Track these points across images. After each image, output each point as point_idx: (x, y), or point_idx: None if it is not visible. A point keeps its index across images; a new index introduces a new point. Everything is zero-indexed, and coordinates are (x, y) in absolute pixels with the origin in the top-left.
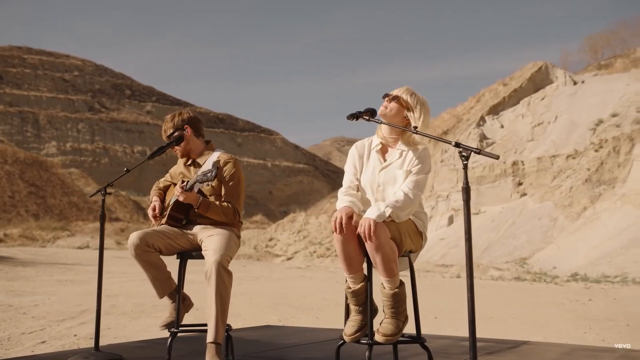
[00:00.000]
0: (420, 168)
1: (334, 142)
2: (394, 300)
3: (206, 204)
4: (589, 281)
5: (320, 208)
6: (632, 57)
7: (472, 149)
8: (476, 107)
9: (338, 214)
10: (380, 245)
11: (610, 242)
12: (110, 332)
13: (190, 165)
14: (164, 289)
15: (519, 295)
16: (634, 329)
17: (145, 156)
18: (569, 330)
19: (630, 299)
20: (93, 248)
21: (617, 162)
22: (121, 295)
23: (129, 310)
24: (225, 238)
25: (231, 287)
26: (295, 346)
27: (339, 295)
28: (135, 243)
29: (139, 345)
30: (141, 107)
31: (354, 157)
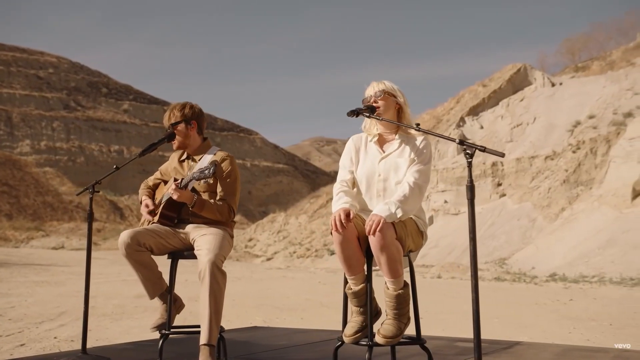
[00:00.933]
0: (423, 157)
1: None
2: (397, 301)
3: (201, 203)
4: (568, 281)
5: (300, 208)
6: (608, 60)
7: (476, 147)
8: (456, 107)
9: (336, 213)
10: (386, 245)
11: (588, 242)
12: (91, 334)
13: (185, 161)
14: (155, 289)
15: (501, 295)
16: (617, 328)
17: (122, 155)
18: (554, 330)
19: (610, 299)
20: (68, 248)
21: (594, 163)
22: (100, 297)
23: (109, 311)
24: (218, 237)
25: (225, 288)
26: (288, 347)
27: (322, 296)
28: (126, 242)
29: (126, 348)
30: (118, 106)
31: (351, 151)
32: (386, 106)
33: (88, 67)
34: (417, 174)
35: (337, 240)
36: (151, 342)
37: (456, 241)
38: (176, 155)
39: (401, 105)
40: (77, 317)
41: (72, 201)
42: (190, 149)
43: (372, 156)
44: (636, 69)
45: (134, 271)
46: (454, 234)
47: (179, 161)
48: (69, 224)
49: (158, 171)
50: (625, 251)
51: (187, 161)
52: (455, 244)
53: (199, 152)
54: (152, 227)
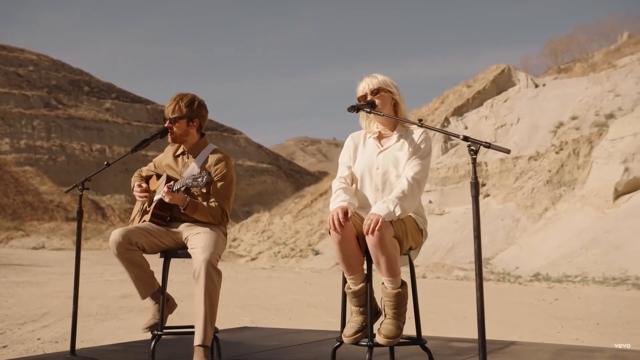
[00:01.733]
0: (422, 151)
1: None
2: (396, 300)
3: (193, 205)
4: (551, 281)
5: (284, 208)
6: (590, 62)
7: (481, 143)
8: (440, 108)
9: (334, 212)
10: (384, 244)
11: (571, 242)
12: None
13: (179, 157)
14: (147, 289)
15: (486, 295)
16: (604, 328)
17: (104, 155)
18: (542, 330)
19: (594, 299)
20: (49, 249)
21: (576, 164)
22: (83, 297)
23: (93, 312)
24: (213, 236)
25: (220, 287)
26: (282, 348)
27: (309, 296)
28: (118, 241)
29: (115, 349)
30: (100, 104)
31: (349, 147)
32: (382, 103)
33: (69, 65)
34: (416, 168)
35: (335, 239)
36: (141, 342)
37: (440, 241)
38: (171, 149)
39: (397, 100)
40: (60, 317)
41: (53, 201)
42: (187, 145)
43: (371, 150)
44: (617, 71)
45: (125, 270)
46: (438, 234)
47: (173, 156)
48: (50, 223)
49: (152, 163)
50: (608, 251)
51: (182, 157)
52: (440, 244)
53: (195, 150)
54: (144, 226)
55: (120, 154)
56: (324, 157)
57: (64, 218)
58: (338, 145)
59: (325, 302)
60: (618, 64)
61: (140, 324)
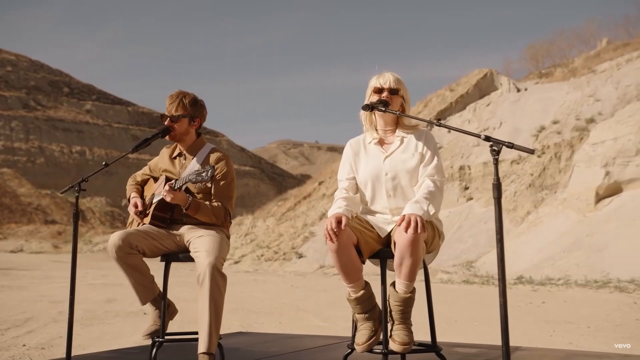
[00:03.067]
0: (432, 152)
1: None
2: (406, 304)
3: (196, 205)
4: (535, 284)
5: (267, 211)
6: (571, 67)
7: (503, 143)
8: (424, 111)
9: (327, 222)
10: (416, 246)
11: (553, 245)
12: (63, 341)
13: (177, 158)
14: (147, 294)
15: (473, 298)
16: (595, 331)
17: (84, 157)
18: (534, 333)
19: (580, 302)
20: (27, 252)
21: (558, 167)
22: (67, 301)
23: (78, 317)
24: (217, 239)
25: (225, 292)
26: (285, 354)
27: (297, 300)
28: (117, 244)
29: (111, 356)
30: (80, 106)
31: (349, 156)
32: (393, 105)
33: (49, 66)
34: (434, 170)
35: (332, 248)
36: (136, 349)
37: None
38: (167, 151)
39: (404, 106)
40: (45, 323)
41: (31, 203)
42: (184, 144)
43: (375, 156)
44: (597, 76)
45: (124, 275)
46: None
47: (170, 158)
48: (28, 226)
49: (147, 166)
50: (589, 254)
51: (179, 159)
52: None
53: (193, 150)
54: (144, 228)
55: (101, 155)
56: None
57: (43, 221)
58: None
59: (315, 306)
60: (598, 69)
61: (127, 330)
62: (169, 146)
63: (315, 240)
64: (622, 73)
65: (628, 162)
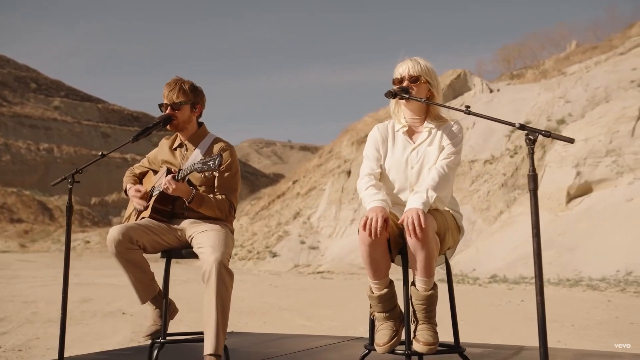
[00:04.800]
0: (453, 142)
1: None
2: (428, 302)
3: (200, 198)
4: (509, 282)
5: (241, 210)
6: (542, 69)
7: (540, 132)
8: None
9: (373, 215)
10: (426, 240)
11: (526, 244)
12: (40, 342)
13: (177, 149)
14: (147, 292)
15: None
16: (580, 329)
17: (52, 154)
18: (521, 332)
19: (557, 300)
20: None
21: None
22: (40, 301)
23: (54, 317)
24: (221, 234)
25: (232, 290)
26: (285, 355)
27: (278, 299)
28: (117, 239)
29: (101, 358)
30: (48, 102)
31: (377, 141)
32: (417, 92)
33: (15, 61)
34: (447, 157)
35: (366, 241)
36: (128, 350)
37: None
38: (167, 142)
39: (433, 92)
40: (19, 323)
41: None
42: (185, 134)
43: (402, 146)
44: (567, 78)
45: (123, 272)
46: None
47: (170, 149)
48: None
49: (145, 158)
50: (561, 253)
51: (180, 149)
52: None
53: (195, 140)
54: (144, 222)
55: (69, 153)
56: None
57: (9, 219)
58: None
59: (296, 305)
60: (567, 72)
61: (107, 330)
62: (168, 137)
63: (289, 239)
64: (591, 75)
65: (598, 162)
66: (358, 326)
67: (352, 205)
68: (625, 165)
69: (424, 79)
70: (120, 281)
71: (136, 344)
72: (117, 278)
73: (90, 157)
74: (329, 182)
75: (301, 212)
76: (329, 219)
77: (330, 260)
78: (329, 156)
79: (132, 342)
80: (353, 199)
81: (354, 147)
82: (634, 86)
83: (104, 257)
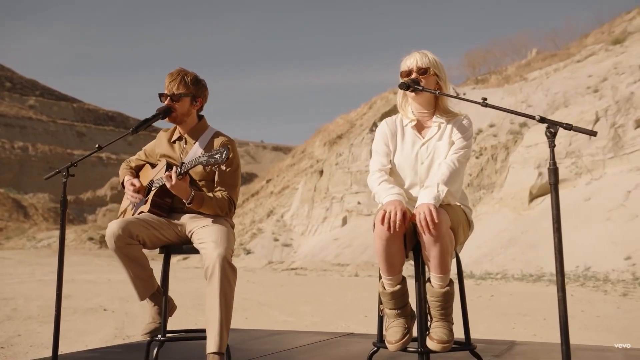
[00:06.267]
0: (464, 136)
1: None
2: (445, 299)
3: (199, 199)
4: (476, 278)
5: None
6: (504, 74)
7: (561, 125)
8: (368, 113)
9: (392, 208)
10: (440, 235)
11: (491, 242)
12: (22, 339)
13: (176, 142)
14: (146, 289)
15: None
16: (552, 322)
17: (27, 152)
18: (497, 327)
19: (524, 295)
20: None
21: (495, 168)
22: (19, 298)
23: (35, 314)
24: (223, 229)
25: (235, 286)
26: (284, 351)
27: (257, 295)
28: (117, 233)
29: (93, 356)
30: (23, 101)
31: (386, 136)
32: (426, 85)
33: None
34: (457, 151)
35: (383, 235)
36: (118, 348)
37: (369, 241)
38: (165, 135)
39: (441, 86)
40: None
41: None
42: (185, 127)
43: (411, 141)
44: (529, 83)
45: (122, 268)
46: (367, 234)
47: (169, 142)
48: None
49: (142, 151)
50: (524, 250)
51: (180, 143)
52: (368, 243)
53: (195, 133)
54: (143, 217)
55: (44, 152)
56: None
57: None
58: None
59: (276, 301)
60: (529, 77)
61: (89, 327)
62: (166, 129)
63: (263, 237)
64: (551, 81)
65: (558, 163)
66: (338, 321)
67: (324, 204)
68: (583, 167)
69: (433, 71)
70: (99, 278)
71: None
72: (95, 275)
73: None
74: (302, 181)
75: (275, 211)
76: (302, 217)
77: (303, 257)
78: (301, 156)
79: (116, 339)
80: (325, 198)
81: (326, 147)
82: (590, 92)
83: (80, 254)
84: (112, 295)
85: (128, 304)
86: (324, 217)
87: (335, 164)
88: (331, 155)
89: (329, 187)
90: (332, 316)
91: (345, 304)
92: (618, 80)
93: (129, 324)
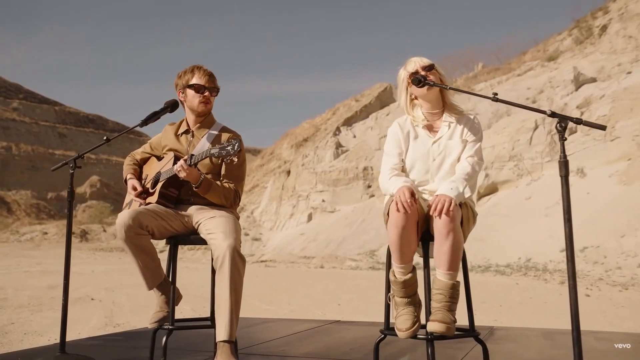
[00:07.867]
0: (477, 137)
1: None
2: (450, 294)
3: (207, 184)
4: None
5: None
6: (455, 85)
7: (571, 119)
8: (332, 118)
9: (400, 193)
10: (454, 228)
11: None
12: (15, 327)
13: (183, 135)
14: (155, 278)
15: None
16: (508, 308)
17: (10, 152)
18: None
19: (475, 284)
20: None
21: None
22: (8, 288)
23: (25, 303)
24: (231, 220)
25: (244, 276)
26: (282, 338)
27: None
28: (128, 224)
29: (98, 344)
30: (7, 104)
31: (398, 136)
32: (435, 79)
33: None
34: (474, 153)
35: (399, 223)
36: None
37: (332, 235)
38: (171, 128)
39: (445, 82)
40: None
41: None
42: (197, 121)
43: (423, 140)
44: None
45: (132, 258)
46: (331, 229)
47: (175, 135)
48: None
49: (147, 144)
50: (472, 243)
51: (186, 136)
52: (332, 237)
53: (202, 127)
54: (152, 208)
55: (27, 151)
56: None
57: None
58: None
59: (253, 290)
60: (476, 88)
61: (80, 316)
62: (172, 123)
63: None
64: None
65: (503, 166)
66: (314, 310)
67: (291, 202)
68: (524, 169)
69: (436, 69)
70: (82, 269)
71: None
72: (79, 267)
73: (47, 155)
74: (271, 180)
75: (245, 208)
76: (270, 213)
77: (271, 250)
78: (270, 157)
79: (107, 327)
80: (292, 196)
81: (293, 149)
82: (529, 103)
83: (62, 247)
84: (98, 285)
85: (114, 294)
86: (291, 213)
87: (301, 165)
88: (298, 156)
89: (295, 186)
90: (308, 305)
91: (317, 293)
92: (553, 93)
93: (117, 312)
